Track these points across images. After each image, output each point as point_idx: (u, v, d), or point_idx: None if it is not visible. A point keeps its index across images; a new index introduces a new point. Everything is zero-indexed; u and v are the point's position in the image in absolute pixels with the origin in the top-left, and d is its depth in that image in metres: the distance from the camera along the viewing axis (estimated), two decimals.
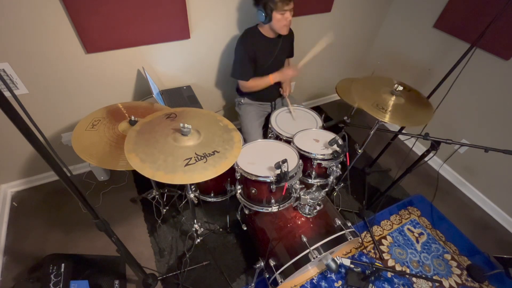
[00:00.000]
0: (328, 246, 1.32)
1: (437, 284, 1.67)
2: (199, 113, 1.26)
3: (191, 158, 1.02)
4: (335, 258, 1.34)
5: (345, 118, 1.85)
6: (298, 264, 1.29)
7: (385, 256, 1.77)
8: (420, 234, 1.91)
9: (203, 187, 1.53)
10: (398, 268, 1.73)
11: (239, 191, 1.41)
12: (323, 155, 1.40)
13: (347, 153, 1.46)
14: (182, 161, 1.00)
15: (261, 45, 1.67)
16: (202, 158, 1.03)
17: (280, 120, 1.70)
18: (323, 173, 1.50)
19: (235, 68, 1.72)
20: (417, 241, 1.87)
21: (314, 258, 1.26)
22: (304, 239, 1.33)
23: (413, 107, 1.43)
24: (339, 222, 1.42)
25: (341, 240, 1.35)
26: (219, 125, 1.21)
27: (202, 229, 1.79)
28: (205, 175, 0.99)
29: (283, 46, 1.75)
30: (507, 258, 1.65)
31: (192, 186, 1.37)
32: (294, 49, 1.94)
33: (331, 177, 1.50)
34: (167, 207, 1.91)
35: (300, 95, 2.78)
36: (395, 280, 1.67)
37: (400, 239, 1.87)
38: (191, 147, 1.07)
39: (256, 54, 1.66)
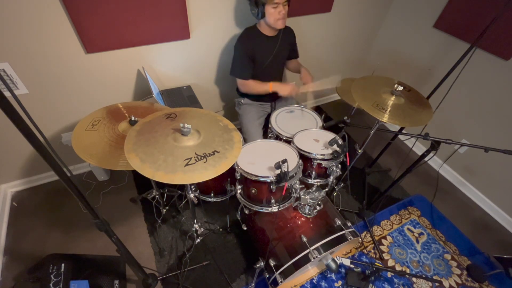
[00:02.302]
0: (328, 246, 1.32)
1: (437, 284, 1.67)
2: (199, 113, 1.26)
3: (191, 158, 1.02)
4: (335, 258, 1.34)
5: (345, 118, 1.84)
6: (298, 264, 1.29)
7: (385, 256, 1.77)
8: (420, 234, 1.91)
9: (203, 187, 1.53)
10: (398, 268, 1.73)
11: (239, 191, 1.41)
12: (323, 155, 1.40)
13: (347, 153, 1.46)
14: (182, 161, 1.00)
15: (260, 43, 1.67)
16: (202, 158, 1.03)
17: (280, 120, 1.70)
18: (323, 173, 1.50)
19: (234, 66, 1.72)
20: (417, 241, 1.87)
21: (314, 258, 1.26)
22: (304, 239, 1.33)
23: (413, 107, 1.43)
24: (339, 222, 1.42)
25: (341, 240, 1.35)
26: (219, 125, 1.21)
27: (202, 229, 1.79)
28: (205, 175, 0.99)
29: (283, 45, 1.75)
30: (507, 258, 1.65)
31: (192, 186, 1.37)
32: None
33: (331, 177, 1.50)
34: (167, 207, 1.91)
35: (300, 95, 2.77)
36: (395, 280, 1.67)
37: (400, 239, 1.87)
38: (191, 147, 1.07)
39: (255, 53, 1.66)
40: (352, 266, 1.41)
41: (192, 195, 1.34)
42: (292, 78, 2.53)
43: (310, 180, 1.52)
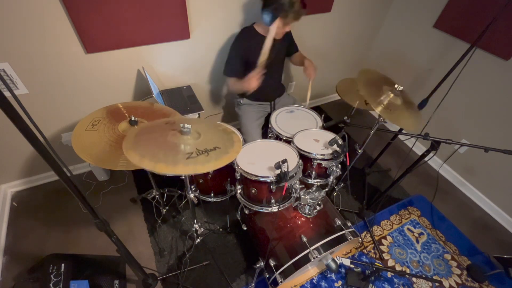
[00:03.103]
0: (328, 246, 1.32)
1: (437, 284, 1.67)
2: (197, 120, 1.27)
3: (192, 153, 1.01)
4: (335, 258, 1.34)
5: (345, 118, 1.85)
6: (298, 264, 1.29)
7: (385, 256, 1.77)
8: (420, 234, 1.91)
9: (203, 187, 1.53)
10: (398, 268, 1.73)
11: (239, 191, 1.41)
12: (323, 155, 1.40)
13: (347, 153, 1.46)
14: (183, 154, 0.99)
15: (257, 44, 1.66)
16: (203, 152, 1.02)
17: (280, 120, 1.70)
18: (323, 173, 1.50)
19: (225, 65, 1.74)
20: (417, 241, 1.87)
21: (314, 258, 1.26)
22: (304, 239, 1.33)
23: (408, 110, 1.42)
24: (339, 222, 1.42)
25: (341, 240, 1.36)
26: (218, 129, 1.22)
27: (202, 229, 1.78)
28: (207, 166, 0.97)
29: (280, 45, 1.75)
30: (507, 258, 1.65)
31: (192, 186, 1.37)
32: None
33: (331, 177, 1.50)
34: (167, 207, 1.91)
35: (300, 95, 2.78)
36: (395, 280, 1.67)
37: (400, 239, 1.87)
38: (192, 144, 1.06)
39: (251, 53, 1.64)
40: (352, 266, 1.40)
41: (192, 195, 1.34)
42: (296, 73, 2.54)
43: (310, 180, 1.52)
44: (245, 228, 1.70)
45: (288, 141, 1.51)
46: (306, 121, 1.71)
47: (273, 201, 1.34)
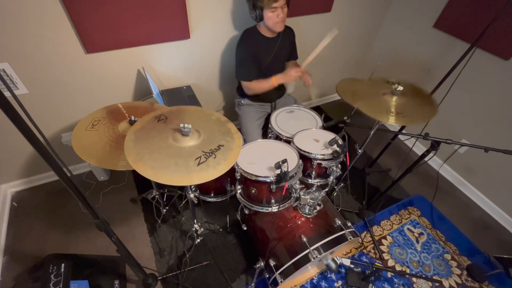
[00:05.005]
0: (328, 246, 1.32)
1: (437, 284, 1.67)
2: (188, 111, 1.26)
3: (200, 157, 1.03)
4: (335, 258, 1.34)
5: (345, 118, 1.84)
6: (298, 264, 1.29)
7: (385, 256, 1.77)
8: (420, 234, 1.91)
9: (203, 187, 1.53)
10: (398, 268, 1.73)
11: (239, 191, 1.41)
12: (323, 155, 1.40)
13: (347, 153, 1.46)
14: (193, 161, 1.01)
15: (260, 44, 1.67)
16: (210, 154, 1.05)
17: (280, 120, 1.70)
18: (323, 173, 1.50)
19: (238, 69, 1.71)
20: (417, 241, 1.87)
21: (314, 258, 1.26)
22: (304, 239, 1.33)
23: (416, 104, 1.40)
24: (339, 222, 1.42)
25: (341, 240, 1.35)
26: (212, 119, 1.22)
27: (202, 229, 1.79)
28: (219, 169, 1.00)
29: (283, 45, 1.75)
30: (507, 258, 1.65)
31: (192, 186, 1.37)
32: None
33: (331, 177, 1.50)
34: (167, 207, 1.91)
35: (300, 95, 2.78)
36: (395, 280, 1.67)
37: (400, 239, 1.87)
38: (196, 145, 1.07)
39: (256, 53, 1.66)
40: (352, 266, 1.40)
41: (192, 195, 1.34)
42: None
43: (310, 180, 1.52)
44: (245, 228, 1.70)
45: (288, 141, 1.51)
46: (306, 121, 1.71)
47: (273, 201, 1.34)
